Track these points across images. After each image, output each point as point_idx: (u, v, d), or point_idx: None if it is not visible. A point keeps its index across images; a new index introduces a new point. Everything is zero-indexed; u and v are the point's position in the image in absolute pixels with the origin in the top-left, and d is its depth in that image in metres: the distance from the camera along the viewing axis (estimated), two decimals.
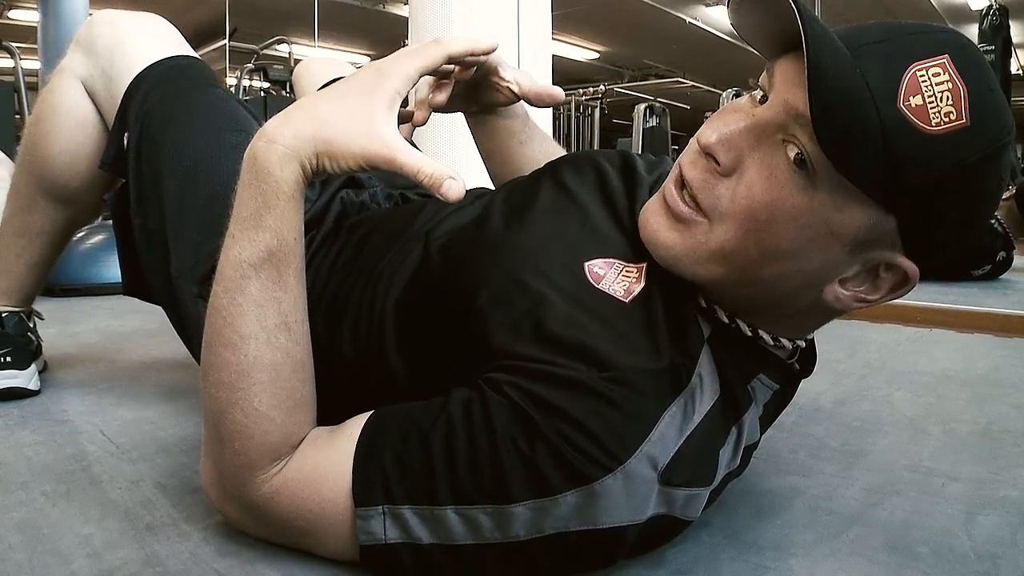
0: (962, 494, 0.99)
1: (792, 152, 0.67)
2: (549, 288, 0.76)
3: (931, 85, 0.63)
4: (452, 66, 0.90)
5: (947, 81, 0.63)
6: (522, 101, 1.01)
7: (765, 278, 0.73)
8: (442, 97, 0.92)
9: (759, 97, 0.72)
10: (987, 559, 0.82)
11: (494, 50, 0.87)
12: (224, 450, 0.75)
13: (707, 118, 0.77)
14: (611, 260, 0.80)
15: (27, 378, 1.33)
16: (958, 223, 0.69)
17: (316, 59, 1.71)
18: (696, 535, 0.84)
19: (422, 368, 0.82)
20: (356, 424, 0.74)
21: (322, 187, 1.13)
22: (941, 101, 0.63)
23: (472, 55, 0.85)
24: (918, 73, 0.63)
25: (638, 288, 0.77)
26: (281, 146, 0.71)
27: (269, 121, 0.73)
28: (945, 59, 0.64)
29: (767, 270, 0.72)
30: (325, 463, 0.73)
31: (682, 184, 0.75)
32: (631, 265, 0.80)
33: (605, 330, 0.73)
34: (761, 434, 0.85)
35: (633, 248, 0.82)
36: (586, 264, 0.79)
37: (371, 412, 0.76)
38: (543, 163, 1.01)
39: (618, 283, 0.78)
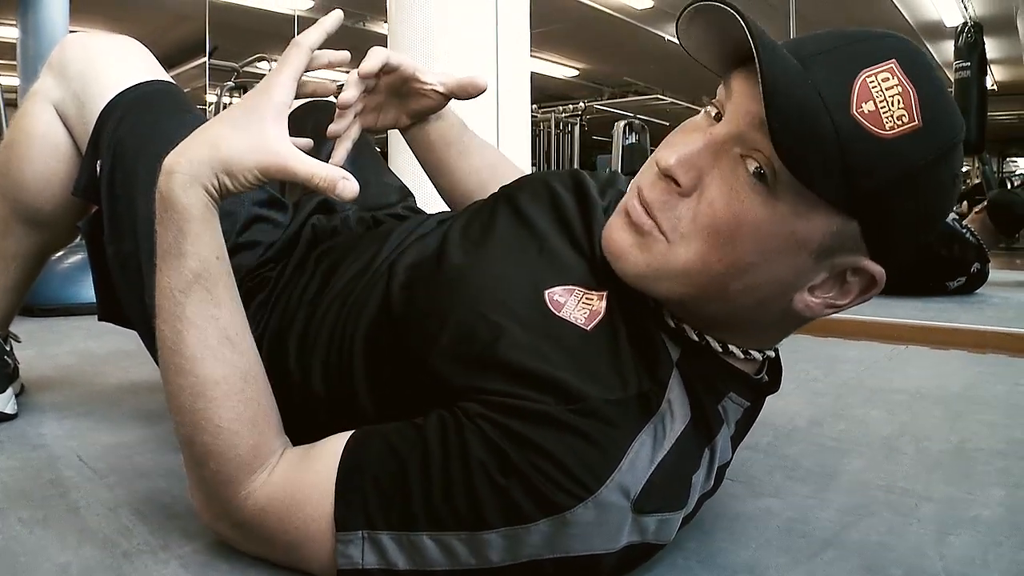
0: (935, 514, 1.00)
1: (752, 166, 0.68)
2: (509, 320, 0.77)
3: (882, 90, 0.65)
4: (372, 80, 0.95)
5: (897, 85, 0.65)
6: (452, 110, 1.04)
7: (733, 292, 0.73)
8: (374, 119, 0.98)
9: (714, 114, 0.74)
10: None
11: (340, 20, 0.87)
12: (203, 471, 0.77)
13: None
14: (571, 287, 0.81)
15: (3, 402, 1.32)
16: (918, 221, 0.71)
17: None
18: (671, 559, 0.85)
19: (391, 407, 0.82)
20: (338, 442, 0.76)
21: (293, 214, 1.13)
22: (893, 105, 0.65)
23: (327, 35, 0.85)
24: (868, 80, 0.65)
25: (600, 315, 0.79)
26: (180, 174, 0.75)
27: (168, 155, 0.77)
28: (893, 64, 0.66)
29: (734, 284, 0.72)
30: (309, 482, 0.74)
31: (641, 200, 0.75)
32: (591, 292, 0.81)
33: (569, 360, 0.74)
34: (732, 453, 0.86)
35: (593, 274, 0.83)
36: (546, 292, 0.80)
37: (352, 433, 0.77)
38: (485, 173, 1.03)
39: (579, 310, 0.79)
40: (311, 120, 1.21)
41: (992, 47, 8.63)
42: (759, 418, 0.95)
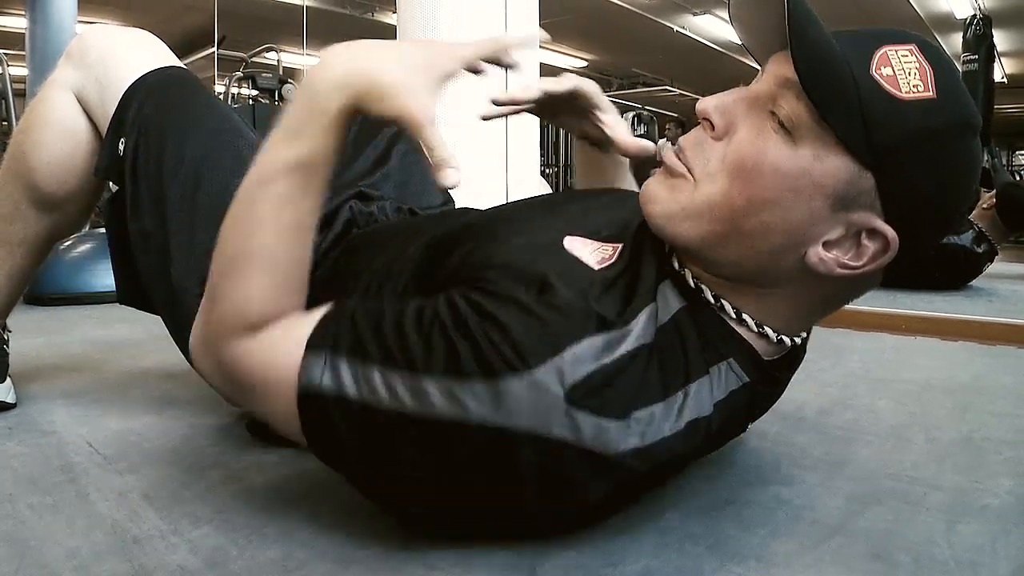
0: (944, 503, 1.00)
1: (778, 115, 0.75)
2: (522, 242, 0.86)
3: (900, 62, 0.72)
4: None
5: (914, 62, 0.73)
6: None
7: (750, 231, 0.77)
8: (525, 95, 1.00)
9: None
10: (967, 567, 0.83)
11: (532, 40, 0.96)
12: (213, 310, 0.83)
13: (696, 124, 0.84)
14: (589, 240, 0.87)
15: (3, 392, 1.33)
16: (932, 189, 0.75)
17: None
18: (679, 545, 0.85)
19: None
20: (327, 305, 0.82)
21: (333, 192, 1.16)
22: (909, 75, 0.72)
23: (522, 46, 0.92)
24: (888, 52, 0.73)
25: (609, 262, 0.84)
26: (339, 70, 0.79)
27: (332, 48, 0.81)
28: (913, 47, 0.74)
29: (751, 221, 0.77)
30: (290, 332, 0.80)
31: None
32: (607, 244, 0.87)
33: (560, 272, 0.79)
34: (720, 417, 0.83)
35: (618, 233, 0.90)
36: (566, 237, 0.87)
37: None
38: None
39: (591, 256, 0.85)
40: None
41: (1002, 40, 8.61)
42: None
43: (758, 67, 0.83)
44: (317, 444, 0.79)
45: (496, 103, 0.99)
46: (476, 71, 0.91)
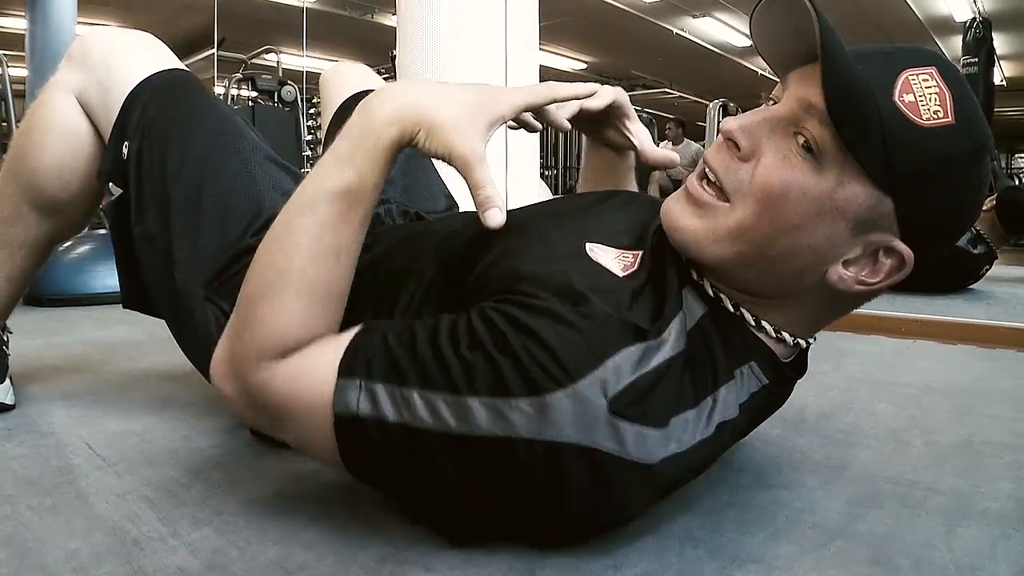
0: (943, 507, 1.00)
1: (801, 140, 0.76)
2: (548, 252, 0.86)
3: (921, 88, 0.73)
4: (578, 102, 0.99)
5: (935, 86, 0.74)
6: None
7: (776, 255, 0.80)
8: (565, 112, 0.99)
9: (771, 104, 0.82)
10: (967, 572, 0.83)
11: (594, 94, 0.97)
12: (243, 332, 0.82)
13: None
14: (611, 248, 0.88)
15: (2, 393, 1.33)
16: (948, 212, 0.78)
17: (347, 63, 1.71)
18: (680, 547, 0.85)
19: None
20: (356, 328, 0.82)
21: None
22: (930, 101, 0.73)
23: (576, 99, 0.95)
24: (910, 77, 0.74)
25: (631, 269, 0.85)
26: (395, 105, 0.81)
27: (392, 83, 0.83)
28: (933, 70, 0.75)
29: (778, 245, 0.79)
30: (321, 356, 0.79)
31: (704, 176, 0.84)
32: (628, 252, 0.87)
33: (591, 282, 0.79)
34: (744, 419, 0.87)
35: (637, 241, 0.91)
36: (588, 245, 0.87)
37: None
38: None
39: (614, 263, 0.85)
40: None
41: (1002, 43, 8.62)
42: None
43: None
44: (354, 467, 0.79)
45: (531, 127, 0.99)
46: (529, 128, 0.96)
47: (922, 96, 0.73)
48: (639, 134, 1.06)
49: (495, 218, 0.79)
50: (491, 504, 0.77)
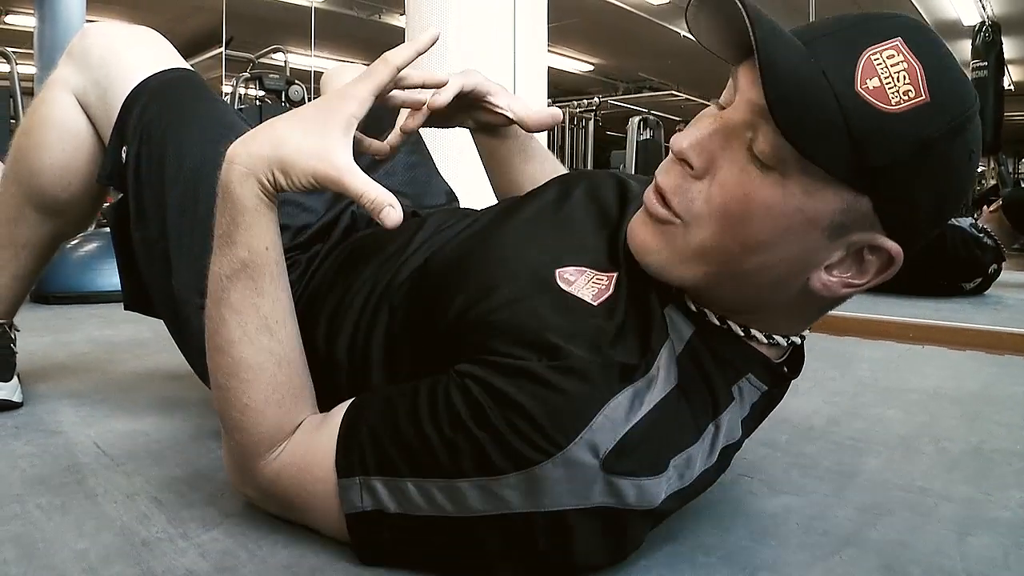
0: (954, 514, 0.99)
1: (758, 149, 0.69)
2: (514, 287, 0.80)
3: (887, 67, 0.65)
4: (422, 96, 0.95)
5: (902, 61, 0.65)
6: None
7: (748, 271, 0.74)
8: (413, 122, 0.96)
9: (723, 106, 0.75)
10: None
11: (435, 39, 0.88)
12: (230, 441, 0.84)
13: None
14: (582, 268, 0.83)
15: (11, 390, 1.33)
16: (933, 198, 0.70)
17: (347, 65, 1.70)
18: (691, 555, 0.85)
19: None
20: (343, 408, 0.81)
21: (334, 201, 1.15)
22: (898, 81, 0.65)
23: (418, 54, 0.86)
24: (872, 57, 0.65)
25: (606, 294, 0.81)
26: (239, 165, 0.78)
27: (232, 144, 0.80)
28: (898, 41, 0.66)
29: (749, 262, 0.73)
30: (316, 446, 0.79)
31: (659, 191, 0.77)
32: (601, 273, 0.83)
33: (562, 322, 0.76)
34: (745, 435, 0.86)
35: (609, 257, 0.86)
36: (558, 271, 0.82)
37: (356, 397, 0.82)
38: (541, 177, 1.04)
39: (587, 288, 0.81)
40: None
41: (1010, 47, 8.57)
42: (777, 415, 0.95)
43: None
44: (368, 557, 0.79)
45: (392, 143, 0.96)
46: (406, 87, 0.92)
47: (888, 78, 0.65)
48: (512, 105, 1.01)
49: (392, 218, 0.76)
50: (504, 566, 0.76)
